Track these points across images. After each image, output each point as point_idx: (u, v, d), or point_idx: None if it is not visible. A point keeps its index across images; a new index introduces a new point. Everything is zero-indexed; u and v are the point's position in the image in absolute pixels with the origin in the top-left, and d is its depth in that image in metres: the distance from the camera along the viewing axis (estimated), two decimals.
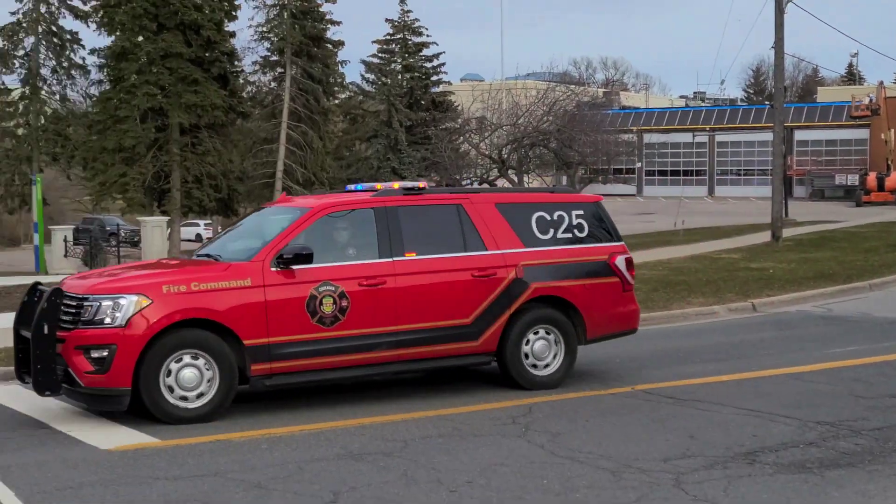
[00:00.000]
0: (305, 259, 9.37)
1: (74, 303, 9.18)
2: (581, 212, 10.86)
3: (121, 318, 8.90)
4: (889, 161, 73.74)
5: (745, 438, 8.25)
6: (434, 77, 62.30)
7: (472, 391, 10.52)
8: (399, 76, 60.33)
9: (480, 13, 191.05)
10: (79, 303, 9.14)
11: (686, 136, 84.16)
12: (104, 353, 8.85)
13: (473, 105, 44.65)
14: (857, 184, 74.15)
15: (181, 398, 9.05)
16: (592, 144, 40.94)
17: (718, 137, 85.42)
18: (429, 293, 9.90)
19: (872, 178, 72.12)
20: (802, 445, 8.01)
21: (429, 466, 7.56)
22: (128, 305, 8.93)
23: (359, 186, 11.19)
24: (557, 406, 9.68)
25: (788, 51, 31.55)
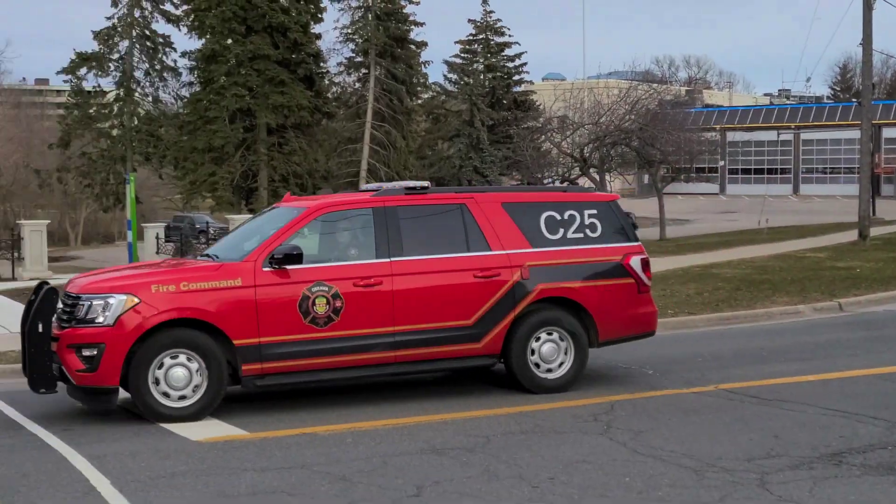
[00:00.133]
0: (295, 259, 9.25)
1: (70, 302, 9.22)
2: (594, 211, 10.53)
3: (110, 318, 8.88)
4: None
5: (832, 439, 8.10)
6: (516, 77, 62.42)
7: None
8: (481, 76, 60.56)
9: (562, 13, 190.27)
10: (73, 302, 9.17)
11: (770, 135, 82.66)
12: (94, 352, 8.86)
13: (555, 104, 44.68)
14: None
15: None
16: (675, 143, 40.61)
17: (804, 135, 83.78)
18: (427, 294, 9.70)
19: None
20: (891, 447, 7.84)
21: (510, 462, 7.57)
22: (117, 305, 8.91)
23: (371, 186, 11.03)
24: (639, 404, 9.61)
25: (876, 47, 30.77)
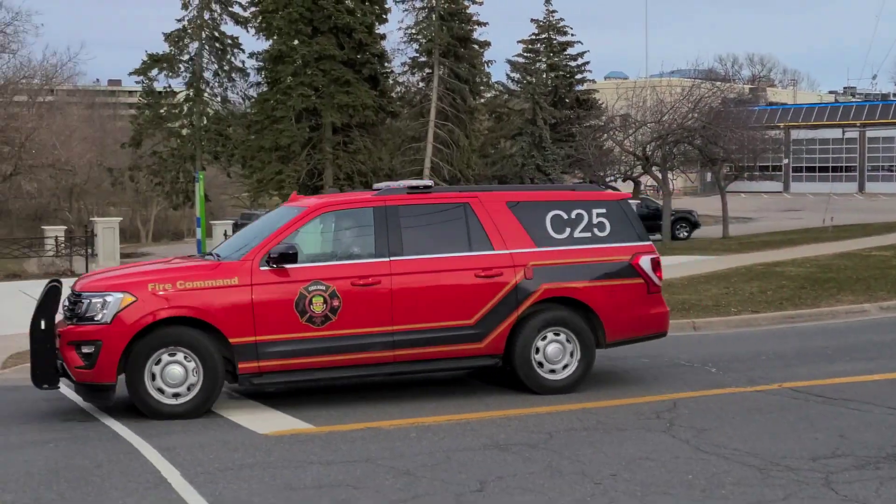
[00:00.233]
0: (290, 259, 9.26)
1: (73, 299, 9.38)
2: (603, 210, 10.36)
3: (107, 315, 8.98)
4: None
5: None
6: (578, 76, 62.37)
7: (616, 386, 10.54)
8: (544, 75, 60.71)
9: (625, 12, 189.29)
10: (76, 299, 9.32)
11: (835, 132, 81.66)
12: (91, 349, 8.99)
13: (617, 103, 44.82)
14: None
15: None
16: (738, 141, 40.52)
17: (869, 133, 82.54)
18: (427, 293, 9.63)
19: None
20: None
21: (573, 458, 7.59)
22: (114, 303, 9.01)
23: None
24: (702, 402, 9.59)
25: None
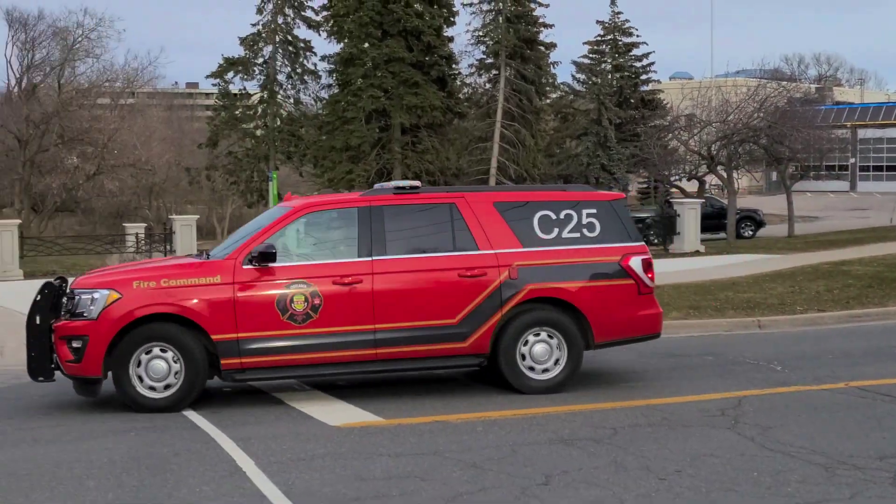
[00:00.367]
0: (270, 258, 9.41)
1: (68, 296, 9.69)
2: (593, 210, 10.29)
3: (94, 312, 9.26)
4: None
5: None
6: (643, 76, 62.70)
7: (680, 382, 10.53)
8: (609, 76, 61.12)
9: (690, 12, 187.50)
10: (70, 296, 9.63)
11: None
12: (80, 344, 9.27)
13: (682, 103, 45.20)
14: None
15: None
16: (804, 140, 40.67)
17: None
18: (409, 293, 9.67)
19: None
20: None
21: (638, 454, 7.59)
22: (100, 299, 9.28)
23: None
24: (767, 400, 9.53)
25: None
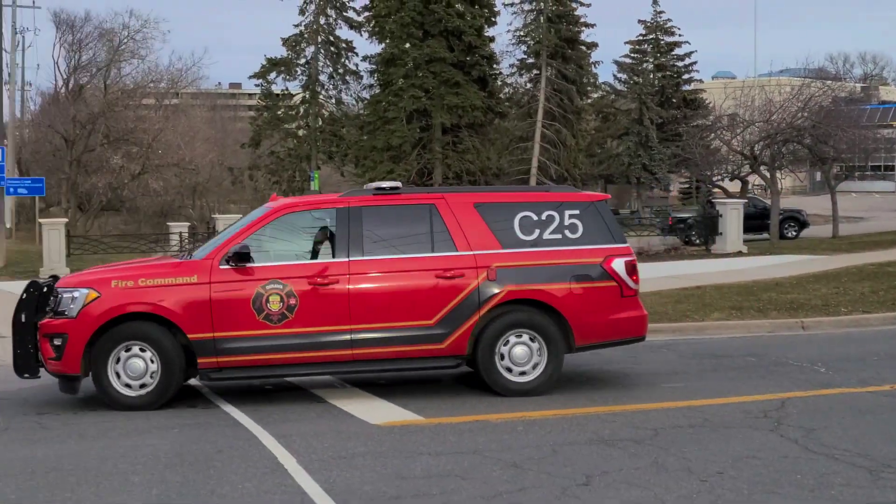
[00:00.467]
0: (245, 258, 9.45)
1: (53, 295, 9.79)
2: (576, 211, 10.14)
3: (74, 310, 9.37)
4: None
5: None
6: (685, 75, 62.57)
7: (722, 383, 10.39)
8: (651, 75, 61.03)
9: (733, 11, 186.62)
10: (55, 295, 9.73)
11: None
12: (60, 342, 9.39)
13: (725, 102, 44.92)
14: None
15: (127, 386, 9.43)
16: (849, 140, 40.19)
17: None
18: (386, 294, 9.65)
19: None
20: None
21: (679, 455, 7.52)
22: (80, 298, 9.39)
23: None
24: (811, 402, 9.38)
25: None
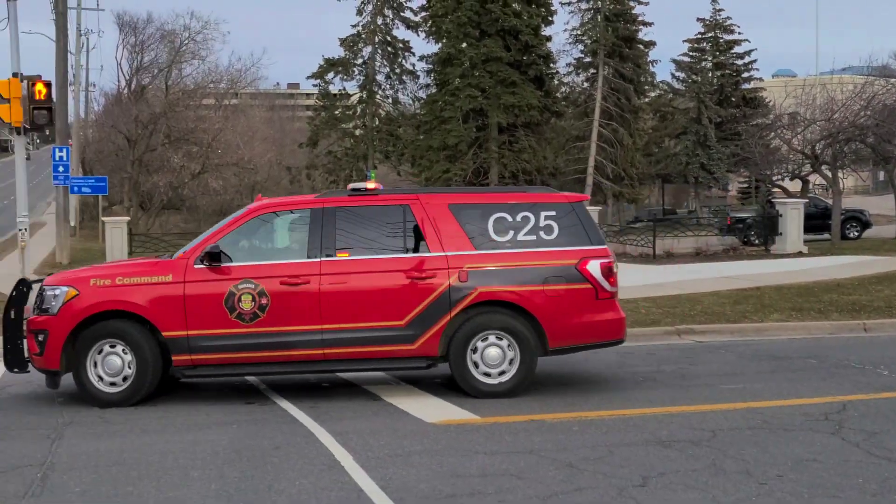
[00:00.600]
0: (216, 258, 9.61)
1: (39, 292, 10.05)
2: (552, 213, 10.08)
3: (55, 307, 9.64)
4: None
5: None
6: (745, 74, 61.81)
7: (781, 385, 10.31)
8: (709, 74, 60.44)
9: (794, 9, 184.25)
10: (40, 293, 10.01)
11: None
12: (42, 338, 9.67)
13: (785, 101, 44.41)
14: None
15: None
16: None
17: None
18: (357, 294, 9.69)
19: None
20: None
21: (738, 457, 7.49)
22: (60, 296, 9.66)
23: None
24: (873, 405, 9.25)
25: None
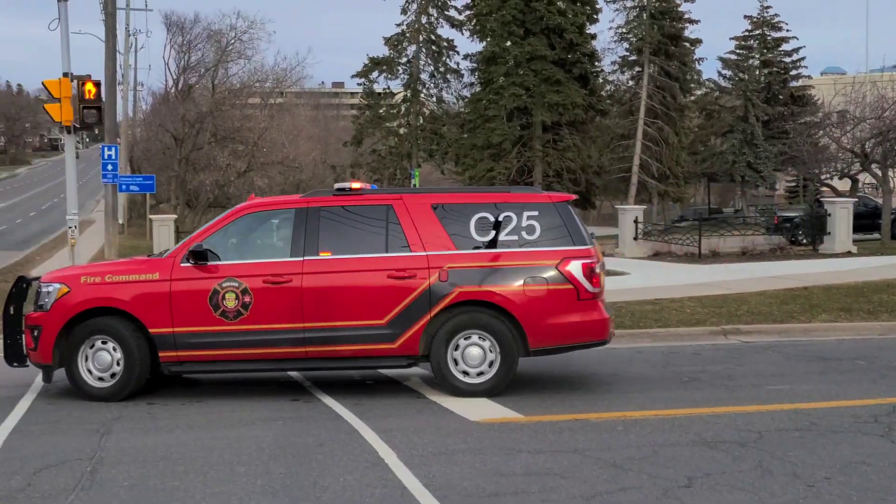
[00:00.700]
0: (200, 256, 9.80)
1: (37, 289, 10.32)
2: (535, 213, 10.04)
3: (48, 304, 9.91)
4: None
5: None
6: (793, 71, 61.22)
7: (829, 387, 10.20)
8: (756, 72, 59.89)
9: (844, 6, 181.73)
10: (38, 289, 10.27)
11: None
12: (37, 333, 9.94)
13: (834, 98, 43.86)
14: None
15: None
16: None
17: None
18: (338, 293, 9.76)
19: None
20: None
21: (784, 459, 7.41)
22: (53, 293, 9.93)
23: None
24: None
25: None
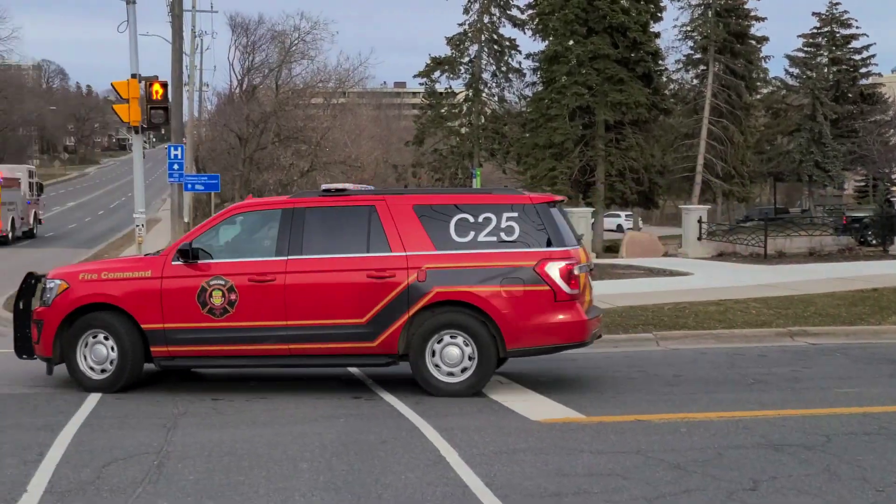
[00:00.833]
0: (189, 255, 10.16)
1: (43, 285, 10.80)
2: (514, 214, 10.10)
3: (49, 299, 10.41)
4: None
5: None
6: (862, 69, 60.02)
7: None
8: (825, 69, 58.85)
9: None
10: (43, 285, 10.78)
11: None
12: (39, 327, 10.46)
13: None
14: None
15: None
16: None
17: None
18: (319, 292, 10.02)
19: None
20: None
21: (853, 463, 7.28)
22: (54, 289, 10.42)
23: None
24: None
25: None
